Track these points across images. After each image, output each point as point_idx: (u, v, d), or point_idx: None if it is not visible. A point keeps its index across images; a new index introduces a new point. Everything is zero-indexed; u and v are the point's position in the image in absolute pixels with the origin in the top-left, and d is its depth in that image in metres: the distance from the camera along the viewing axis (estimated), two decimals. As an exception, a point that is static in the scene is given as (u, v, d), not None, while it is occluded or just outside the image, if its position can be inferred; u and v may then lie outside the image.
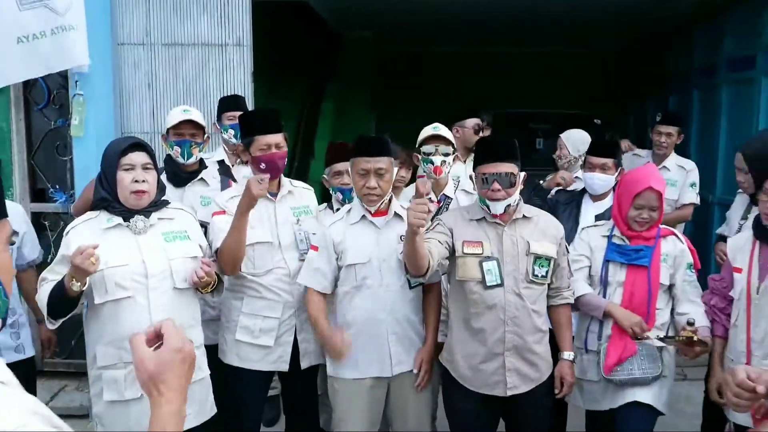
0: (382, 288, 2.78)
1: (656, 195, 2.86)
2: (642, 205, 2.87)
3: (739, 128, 5.80)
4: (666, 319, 2.92)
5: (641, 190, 2.87)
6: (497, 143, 2.79)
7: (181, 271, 2.50)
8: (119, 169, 2.47)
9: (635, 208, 2.89)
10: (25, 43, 3.76)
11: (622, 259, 2.89)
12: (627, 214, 2.92)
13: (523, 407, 2.74)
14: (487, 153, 2.70)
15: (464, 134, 4.24)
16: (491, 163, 2.65)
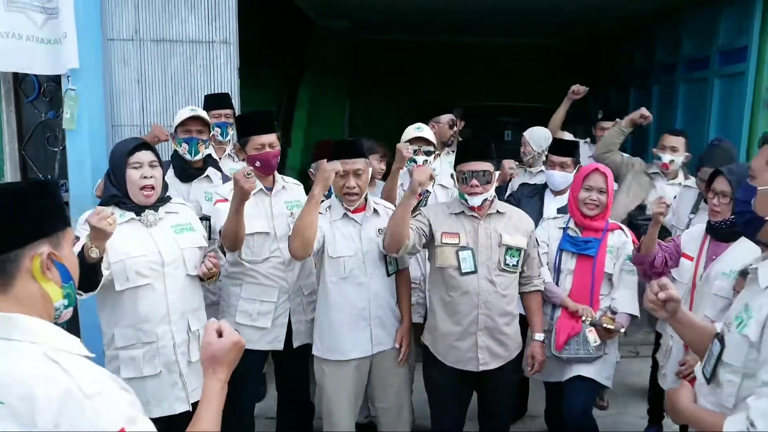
0: (366, 277, 3.07)
1: (603, 177, 3.22)
2: (590, 186, 3.24)
3: (693, 124, 6.18)
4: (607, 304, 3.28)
5: (589, 172, 3.27)
6: (475, 144, 3.09)
7: (191, 259, 2.77)
8: (128, 167, 2.69)
9: (585, 190, 3.25)
10: (11, 39, 3.96)
11: (573, 249, 3.25)
12: (578, 197, 3.26)
13: (493, 381, 3.07)
14: (466, 153, 3.02)
15: (440, 129, 4.53)
16: (470, 161, 2.97)
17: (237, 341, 1.55)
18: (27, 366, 1.27)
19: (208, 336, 1.54)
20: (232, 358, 1.54)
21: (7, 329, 1.31)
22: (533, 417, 4.28)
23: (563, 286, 3.29)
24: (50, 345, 1.32)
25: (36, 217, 1.39)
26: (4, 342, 1.30)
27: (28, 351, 1.29)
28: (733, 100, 5.48)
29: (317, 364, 3.20)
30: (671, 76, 6.84)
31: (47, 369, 1.26)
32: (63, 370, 1.27)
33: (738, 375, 1.69)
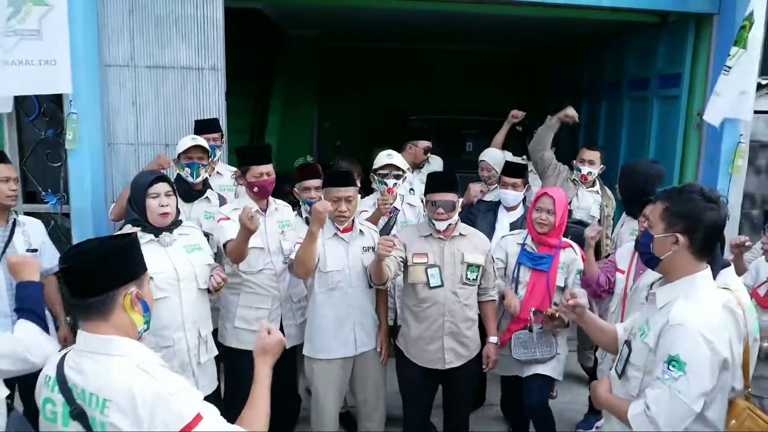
0: (351, 289, 3.58)
1: (551, 200, 3.76)
2: (540, 207, 3.78)
3: (636, 139, 6.82)
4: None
5: (539, 196, 3.82)
6: (442, 178, 3.62)
7: (202, 275, 3.25)
8: (147, 197, 3.14)
9: (536, 211, 3.79)
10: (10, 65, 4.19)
11: (529, 264, 3.78)
12: (532, 216, 3.80)
13: (456, 377, 3.63)
14: (434, 185, 3.55)
15: (416, 152, 5.07)
16: (438, 192, 3.50)
17: (281, 339, 2.09)
18: (126, 374, 1.77)
19: (262, 333, 2.06)
20: (276, 350, 2.08)
21: (107, 348, 1.82)
22: (491, 405, 4.86)
23: (520, 295, 3.79)
24: (139, 359, 1.83)
25: (128, 265, 1.89)
26: (106, 357, 1.81)
27: (124, 363, 1.80)
28: (669, 121, 6.09)
29: (308, 362, 3.69)
30: (617, 92, 7.45)
31: (140, 376, 1.77)
32: (151, 376, 1.78)
33: (640, 372, 2.29)
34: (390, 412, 4.07)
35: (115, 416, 1.73)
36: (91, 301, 1.81)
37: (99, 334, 1.83)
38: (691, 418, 2.16)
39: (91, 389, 1.78)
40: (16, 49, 4.16)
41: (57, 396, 1.82)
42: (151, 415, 1.72)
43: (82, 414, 1.77)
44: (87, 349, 1.83)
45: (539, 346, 3.71)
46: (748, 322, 2.56)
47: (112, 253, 1.85)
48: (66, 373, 1.82)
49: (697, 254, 2.23)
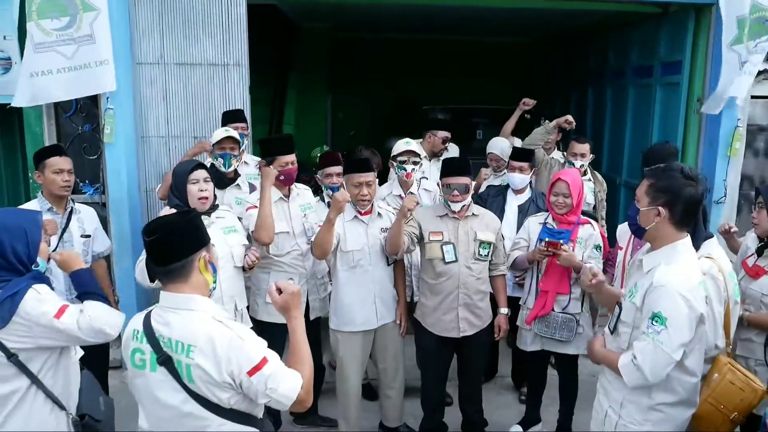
0: (371, 266, 3.91)
1: (565, 184, 3.97)
2: (556, 192, 4.01)
3: (640, 124, 7.08)
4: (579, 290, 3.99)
5: (554, 181, 4.06)
6: (456, 163, 3.93)
7: (238, 255, 3.58)
8: (188, 183, 3.47)
9: (553, 195, 4.04)
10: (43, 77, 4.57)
11: (548, 238, 3.95)
12: (550, 200, 4.05)
13: (470, 345, 3.96)
14: (449, 169, 3.87)
15: (434, 141, 5.37)
16: (453, 176, 3.81)
17: (294, 289, 2.26)
18: (206, 325, 2.13)
19: (273, 296, 2.25)
20: (296, 302, 2.26)
21: (188, 304, 2.17)
22: (502, 377, 5.20)
23: (541, 269, 4.02)
24: (213, 312, 2.19)
25: (199, 234, 2.25)
26: (188, 311, 2.16)
27: (203, 316, 2.15)
28: (671, 106, 6.33)
29: (332, 335, 4.04)
30: (622, 80, 7.70)
31: (217, 326, 2.13)
32: (225, 325, 2.14)
33: (629, 328, 2.63)
34: (408, 384, 4.40)
35: (199, 358, 2.08)
36: (173, 267, 2.15)
37: (180, 293, 2.17)
38: (671, 366, 2.50)
39: (177, 337, 2.12)
40: (76, 55, 4.56)
41: (145, 346, 2.17)
42: (228, 356, 2.07)
43: (168, 360, 2.12)
44: (171, 306, 2.16)
45: (559, 330, 3.97)
46: (728, 286, 2.88)
47: (187, 225, 2.21)
48: (153, 326, 2.17)
49: (677, 225, 2.55)
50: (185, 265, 2.17)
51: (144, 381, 2.20)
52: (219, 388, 2.11)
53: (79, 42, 4.63)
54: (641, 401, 2.62)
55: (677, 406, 2.63)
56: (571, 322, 3.95)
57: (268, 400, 2.14)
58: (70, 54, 4.63)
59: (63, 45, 4.59)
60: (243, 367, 2.09)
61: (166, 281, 2.19)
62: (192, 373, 2.10)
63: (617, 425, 2.67)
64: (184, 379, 2.12)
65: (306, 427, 4.42)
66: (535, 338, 4.08)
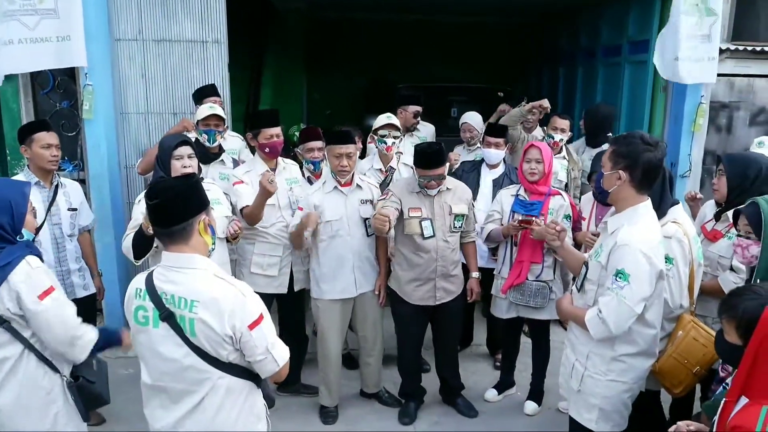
0: (350, 236, 4.04)
1: (537, 150, 4.12)
2: (529, 158, 4.16)
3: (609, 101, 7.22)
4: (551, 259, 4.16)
5: (527, 149, 4.21)
6: (431, 155, 3.93)
7: (221, 226, 3.67)
8: (172, 159, 3.55)
9: (525, 162, 4.17)
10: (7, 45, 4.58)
11: (521, 210, 4.14)
12: (522, 168, 4.19)
13: (445, 311, 4.13)
14: (424, 162, 3.91)
15: (406, 116, 5.48)
16: (429, 170, 3.89)
17: None
18: (208, 282, 2.25)
19: None
20: None
21: (190, 263, 2.28)
22: (477, 345, 5.39)
23: (516, 241, 4.17)
24: (215, 269, 2.31)
25: (200, 198, 2.35)
26: (191, 270, 2.27)
27: (205, 274, 2.27)
28: (639, 84, 6.54)
29: (314, 303, 4.18)
30: (593, 59, 7.89)
31: (220, 282, 2.26)
32: (227, 282, 2.28)
33: (595, 285, 2.82)
34: (387, 353, 4.57)
35: (203, 312, 2.20)
36: (175, 229, 2.24)
37: (182, 253, 2.26)
38: (633, 319, 2.70)
39: (181, 294, 2.23)
40: (38, 27, 4.53)
41: (148, 303, 2.28)
42: (231, 310, 2.21)
43: (170, 315, 2.24)
44: (174, 265, 2.26)
45: (533, 297, 4.13)
46: (693, 249, 3.07)
47: (188, 189, 2.31)
48: (155, 284, 2.28)
49: (638, 188, 2.72)
50: (186, 228, 2.26)
51: (147, 336, 2.31)
52: (219, 343, 2.23)
53: (42, 14, 4.61)
54: (605, 353, 2.83)
55: (638, 356, 2.84)
56: (544, 289, 4.13)
57: (264, 357, 2.27)
58: (32, 25, 4.62)
59: (26, 15, 4.59)
60: (245, 320, 2.22)
61: (168, 242, 2.29)
62: (195, 327, 2.22)
63: (583, 376, 2.87)
64: (186, 333, 2.23)
65: (289, 395, 4.55)
66: (510, 306, 4.25)
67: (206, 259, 2.33)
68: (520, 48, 11.39)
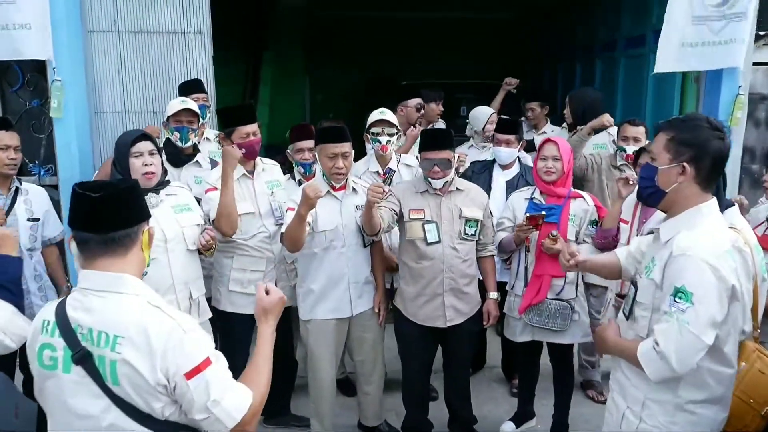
0: (345, 247, 3.49)
1: (555, 145, 3.59)
2: (545, 156, 3.62)
3: (632, 97, 6.74)
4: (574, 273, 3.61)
5: (542, 144, 3.66)
6: (436, 135, 3.51)
7: (191, 236, 3.16)
8: (131, 157, 3.04)
9: (541, 160, 3.63)
10: None
11: (530, 213, 3.56)
12: (537, 167, 3.66)
13: (456, 334, 3.56)
14: (429, 143, 3.45)
15: (408, 112, 4.95)
16: (433, 150, 3.39)
17: (282, 297, 2.00)
18: (138, 311, 1.73)
19: (260, 293, 1.98)
20: (278, 310, 1.99)
21: (118, 285, 1.76)
22: (491, 367, 4.82)
23: (532, 253, 3.63)
24: (150, 296, 1.79)
25: (144, 204, 1.90)
26: (117, 294, 1.76)
27: (135, 301, 1.76)
28: (666, 76, 5.95)
29: (302, 324, 3.64)
30: (612, 52, 7.35)
31: (153, 312, 1.74)
32: (164, 312, 1.75)
33: (648, 310, 2.19)
34: (389, 377, 4.04)
35: (128, 352, 1.69)
36: (119, 234, 1.78)
37: (109, 271, 1.77)
38: (702, 351, 2.06)
39: (101, 327, 1.72)
40: None
41: (57, 340, 1.76)
42: (164, 350, 1.69)
43: (86, 356, 1.72)
44: (95, 288, 1.77)
45: (553, 318, 3.59)
46: (756, 260, 2.47)
47: (131, 191, 1.85)
48: (69, 314, 1.76)
49: (703, 184, 2.15)
50: (130, 235, 1.81)
51: (55, 384, 1.78)
52: (151, 393, 1.70)
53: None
54: (666, 399, 2.17)
55: (710, 404, 2.18)
56: (565, 310, 3.58)
57: (206, 417, 1.73)
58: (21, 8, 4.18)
59: None
60: (181, 366, 1.70)
61: (98, 254, 1.78)
62: (117, 371, 1.70)
63: (638, 429, 2.23)
64: (106, 381, 1.71)
65: (276, 427, 4.02)
66: (524, 328, 3.70)
67: (139, 282, 1.81)
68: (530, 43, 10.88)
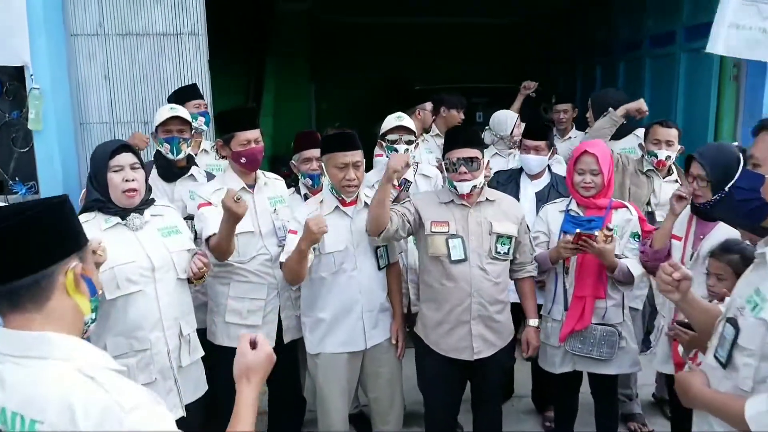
0: (357, 271, 3.05)
1: (593, 158, 3.15)
2: (582, 169, 3.18)
3: (660, 98, 6.28)
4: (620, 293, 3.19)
5: (578, 155, 3.21)
6: (463, 132, 3.10)
7: (181, 264, 2.72)
8: (109, 171, 2.61)
9: (578, 174, 3.20)
10: None
11: (575, 229, 3.11)
12: (573, 181, 3.22)
13: (486, 368, 3.10)
14: (454, 140, 3.03)
15: (424, 116, 4.54)
16: (459, 149, 2.96)
17: (270, 354, 1.64)
18: (63, 383, 1.29)
19: (242, 347, 1.60)
20: (265, 369, 1.63)
21: (40, 349, 1.32)
22: (520, 397, 4.34)
23: (570, 272, 3.20)
24: (83, 360, 1.34)
25: (66, 233, 1.42)
26: (39, 361, 1.31)
27: (63, 368, 1.31)
28: (700, 75, 5.56)
29: (310, 359, 3.20)
30: (637, 51, 6.93)
31: (84, 385, 1.29)
32: (99, 385, 1.30)
33: (755, 358, 1.70)
34: (410, 409, 3.60)
35: None
36: (19, 284, 1.34)
37: (29, 330, 1.35)
38: None
39: (15, 407, 1.30)
40: None
41: None
42: None
43: None
44: (11, 353, 1.34)
45: (598, 346, 3.15)
46: None
47: (50, 216, 1.38)
48: None
49: None
50: (40, 282, 1.35)
51: None
52: None
53: None
54: None
55: None
56: (612, 336, 3.13)
57: None
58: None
59: None
60: None
61: (8, 309, 1.35)
62: None
63: None
64: None
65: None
66: (564, 357, 3.25)
67: (70, 341, 1.37)
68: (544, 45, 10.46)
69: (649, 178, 3.98)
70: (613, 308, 3.18)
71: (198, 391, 2.86)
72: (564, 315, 3.20)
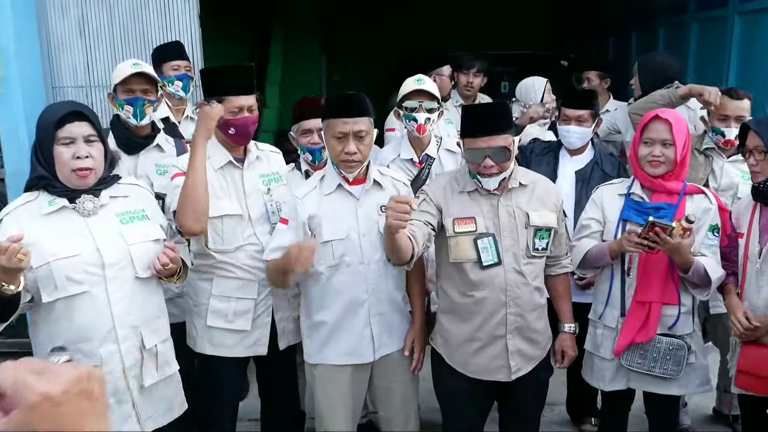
0: (363, 265, 2.49)
1: (666, 126, 2.53)
2: (652, 139, 2.56)
3: (708, 67, 5.67)
4: (690, 298, 2.63)
5: (647, 122, 2.59)
6: (487, 114, 2.45)
7: (142, 258, 2.17)
8: (56, 143, 2.09)
9: (645, 144, 2.58)
10: None
11: (639, 219, 2.54)
12: (638, 154, 2.61)
13: (522, 385, 2.54)
14: (476, 125, 2.38)
15: (442, 82, 3.97)
16: (482, 137, 2.33)
17: None
18: None
19: None
20: None
21: None
22: (552, 405, 3.80)
23: (631, 271, 2.62)
24: None
25: None
26: None
27: None
28: (756, 40, 4.96)
29: (308, 369, 2.67)
30: (680, 16, 6.29)
31: None
32: None
33: None
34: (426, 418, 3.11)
35: None
36: None
37: None
38: None
39: None
40: None
41: None
42: None
43: None
44: None
45: (662, 362, 2.57)
46: None
47: None
48: None
49: None
50: None
51: None
52: None
53: None
54: None
55: None
56: (680, 350, 2.55)
57: None
58: None
59: None
60: None
61: None
62: None
63: None
64: None
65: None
66: (618, 372, 2.68)
67: None
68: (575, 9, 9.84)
69: (707, 157, 3.33)
70: (684, 317, 2.59)
71: (172, 412, 2.34)
72: (620, 322, 2.62)
